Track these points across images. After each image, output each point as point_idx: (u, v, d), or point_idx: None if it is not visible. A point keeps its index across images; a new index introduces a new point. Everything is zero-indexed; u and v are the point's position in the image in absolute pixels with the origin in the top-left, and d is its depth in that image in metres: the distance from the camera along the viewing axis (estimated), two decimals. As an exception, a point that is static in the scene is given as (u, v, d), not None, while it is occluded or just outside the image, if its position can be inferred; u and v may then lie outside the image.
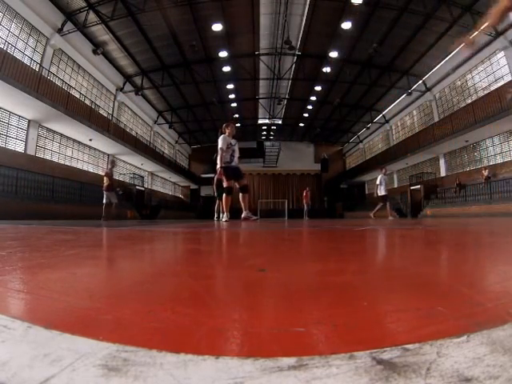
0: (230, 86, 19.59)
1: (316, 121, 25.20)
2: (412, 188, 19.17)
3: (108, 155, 17.59)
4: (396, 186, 22.96)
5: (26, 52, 11.12)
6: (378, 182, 9.76)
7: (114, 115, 17.22)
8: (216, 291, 0.53)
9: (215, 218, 7.83)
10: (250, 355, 0.27)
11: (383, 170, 9.94)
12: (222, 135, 5.29)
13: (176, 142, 27.78)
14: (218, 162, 5.18)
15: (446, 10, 11.99)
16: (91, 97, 15.29)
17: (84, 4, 11.84)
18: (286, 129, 27.48)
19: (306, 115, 24.49)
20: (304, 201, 15.86)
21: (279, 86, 19.94)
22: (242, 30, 14.51)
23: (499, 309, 0.39)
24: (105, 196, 8.93)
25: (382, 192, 9.65)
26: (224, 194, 5.42)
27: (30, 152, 11.76)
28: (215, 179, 8.55)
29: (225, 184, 5.33)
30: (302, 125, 26.66)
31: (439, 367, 0.24)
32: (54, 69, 12.59)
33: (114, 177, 17.71)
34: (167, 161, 22.88)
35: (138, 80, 17.84)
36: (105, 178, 9.06)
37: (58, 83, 11.87)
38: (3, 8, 10.12)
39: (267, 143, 29.46)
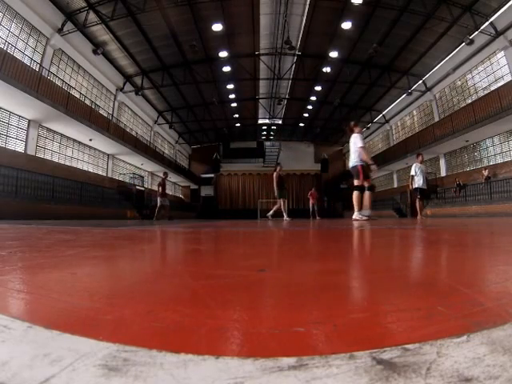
0: (230, 86, 19.60)
1: (316, 121, 25.20)
2: (413, 188, 19.14)
3: (108, 155, 17.60)
4: (396, 185, 22.98)
5: (26, 52, 11.10)
6: (412, 173, 8.09)
7: (114, 115, 17.22)
8: (216, 291, 0.53)
9: (285, 218, 8.58)
10: (250, 355, 0.27)
11: (419, 158, 8.18)
12: (359, 134, 5.17)
13: (176, 141, 27.77)
14: (356, 158, 5.10)
15: (446, 10, 11.99)
16: (91, 97, 15.29)
17: (84, 4, 11.84)
18: (286, 129, 27.48)
19: (306, 115, 24.50)
20: (310, 201, 15.79)
21: (279, 86, 19.94)
22: (241, 29, 14.51)
23: (499, 309, 0.39)
24: (159, 201, 10.50)
25: (417, 184, 8.00)
26: (356, 192, 5.36)
27: (30, 152, 11.75)
28: (276, 178, 8.40)
29: (357, 182, 5.30)
30: (302, 125, 26.67)
31: (439, 367, 0.24)
32: (54, 69, 12.59)
33: (114, 177, 17.95)
34: (167, 161, 22.88)
35: (138, 80, 17.84)
36: (160, 186, 10.56)
37: (58, 83, 11.87)
38: (3, 8, 10.11)
39: (267, 143, 29.50)
